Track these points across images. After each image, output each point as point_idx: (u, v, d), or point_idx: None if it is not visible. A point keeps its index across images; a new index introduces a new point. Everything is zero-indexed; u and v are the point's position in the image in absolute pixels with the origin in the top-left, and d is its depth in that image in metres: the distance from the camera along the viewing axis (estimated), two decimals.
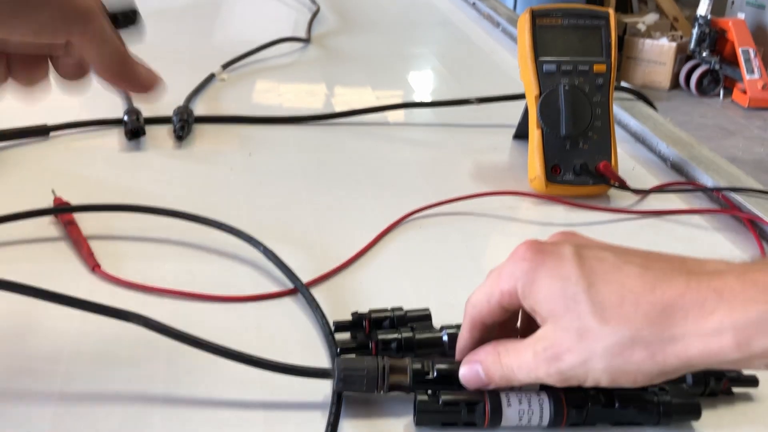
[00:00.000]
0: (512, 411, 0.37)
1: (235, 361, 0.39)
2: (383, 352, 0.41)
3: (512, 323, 0.40)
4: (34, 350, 0.42)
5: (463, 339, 0.39)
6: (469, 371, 0.37)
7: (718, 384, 0.40)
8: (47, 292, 0.38)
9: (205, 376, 0.41)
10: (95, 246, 0.51)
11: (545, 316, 0.34)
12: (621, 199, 0.63)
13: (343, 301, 0.48)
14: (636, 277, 0.33)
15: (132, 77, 0.40)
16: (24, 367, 0.41)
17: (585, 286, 0.33)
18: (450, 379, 0.39)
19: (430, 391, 0.38)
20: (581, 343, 0.33)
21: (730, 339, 0.31)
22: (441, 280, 0.51)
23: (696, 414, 0.38)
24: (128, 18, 0.41)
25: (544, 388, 0.38)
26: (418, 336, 0.42)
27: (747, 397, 0.41)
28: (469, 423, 0.37)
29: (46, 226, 0.54)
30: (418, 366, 0.39)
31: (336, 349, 0.42)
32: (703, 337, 0.31)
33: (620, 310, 0.33)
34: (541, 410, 0.37)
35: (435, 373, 0.39)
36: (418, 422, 0.38)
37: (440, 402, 0.37)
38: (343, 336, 0.43)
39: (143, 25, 0.41)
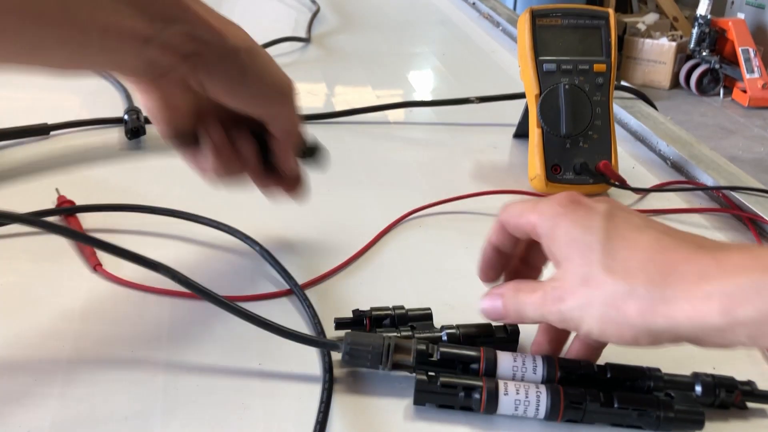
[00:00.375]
0: (508, 399, 0.37)
1: (250, 323, 0.40)
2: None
3: (535, 273, 0.42)
4: (34, 350, 0.42)
5: (485, 248, 0.42)
6: (490, 302, 0.39)
7: (730, 396, 0.39)
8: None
9: (206, 375, 0.41)
10: None
11: (560, 259, 0.36)
12: (621, 198, 0.63)
13: (343, 300, 0.48)
14: (652, 240, 0.35)
15: (295, 165, 0.49)
16: (24, 367, 0.41)
17: (603, 238, 0.35)
18: (452, 363, 0.39)
19: (431, 373, 0.39)
20: (584, 288, 0.34)
21: (716, 304, 0.31)
22: (441, 280, 0.51)
23: (699, 424, 0.37)
24: (312, 151, 0.49)
25: (544, 382, 0.39)
26: (418, 335, 0.42)
27: (763, 414, 0.40)
28: (466, 407, 0.38)
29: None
30: (422, 347, 0.40)
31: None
32: (692, 301, 0.32)
33: (626, 265, 0.34)
34: (537, 402, 0.37)
35: (438, 356, 0.39)
36: (416, 401, 0.38)
37: (439, 384, 0.38)
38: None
39: (326, 160, 0.48)
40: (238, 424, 0.38)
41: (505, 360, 0.39)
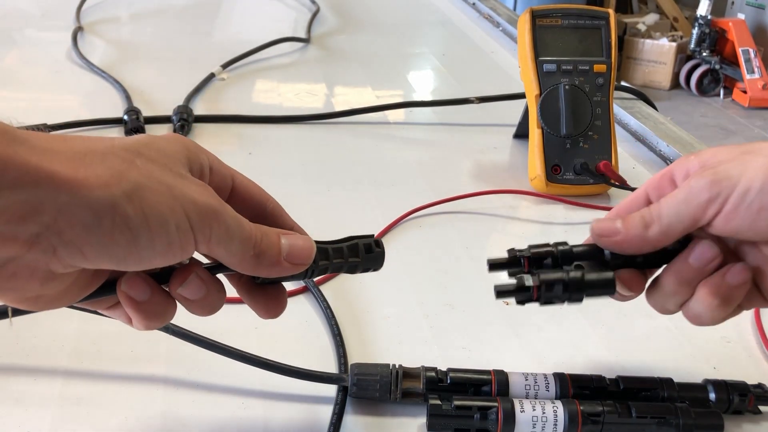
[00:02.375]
0: (525, 417, 0.37)
1: (253, 366, 0.39)
2: (546, 295, 0.35)
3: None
4: (35, 350, 0.42)
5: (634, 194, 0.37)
6: (605, 221, 0.34)
7: (743, 401, 0.39)
8: None
9: (206, 373, 0.41)
10: None
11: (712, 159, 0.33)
12: (621, 198, 0.63)
13: (343, 300, 0.48)
14: None
15: (271, 268, 0.31)
16: (24, 367, 0.41)
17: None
18: (464, 387, 0.38)
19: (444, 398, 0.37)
20: (744, 155, 0.32)
21: None
22: (441, 280, 0.51)
23: (719, 429, 0.37)
24: (369, 248, 0.36)
25: (558, 398, 0.38)
26: (588, 277, 0.35)
27: None
28: (482, 429, 0.37)
29: None
30: (431, 374, 0.39)
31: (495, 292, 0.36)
32: None
33: None
34: (555, 418, 0.36)
35: (449, 381, 0.38)
36: (430, 427, 0.37)
37: (453, 406, 0.37)
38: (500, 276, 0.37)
39: (382, 258, 0.36)
40: (238, 424, 0.38)
41: (516, 380, 0.39)
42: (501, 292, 0.35)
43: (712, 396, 0.39)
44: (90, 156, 0.26)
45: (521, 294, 0.35)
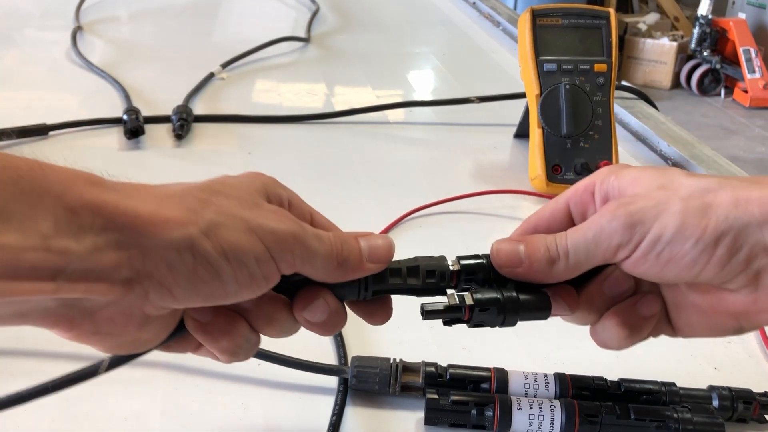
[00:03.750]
0: (522, 414, 0.36)
1: (255, 358, 0.40)
2: (479, 317, 0.31)
3: None
4: (34, 350, 0.42)
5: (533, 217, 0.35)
6: (508, 244, 0.32)
7: (748, 409, 0.38)
8: None
9: (207, 373, 0.41)
10: None
11: (626, 184, 0.31)
12: None
13: None
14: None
15: (355, 271, 0.31)
16: (24, 367, 0.41)
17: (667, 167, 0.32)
18: (462, 383, 0.38)
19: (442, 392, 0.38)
20: (661, 191, 0.30)
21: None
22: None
23: None
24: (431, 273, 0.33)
25: (557, 398, 0.38)
26: (523, 297, 0.32)
27: None
28: (479, 426, 0.37)
29: None
30: (431, 369, 0.39)
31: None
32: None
33: (706, 177, 0.31)
34: (552, 416, 0.36)
35: (448, 376, 0.39)
36: (427, 421, 0.37)
37: (450, 401, 0.37)
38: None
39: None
40: (238, 424, 0.38)
41: (516, 378, 0.39)
42: (429, 312, 0.31)
43: (716, 403, 0.38)
44: (168, 199, 0.27)
45: (451, 314, 0.31)
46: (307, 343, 0.44)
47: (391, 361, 0.39)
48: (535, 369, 0.40)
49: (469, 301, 0.31)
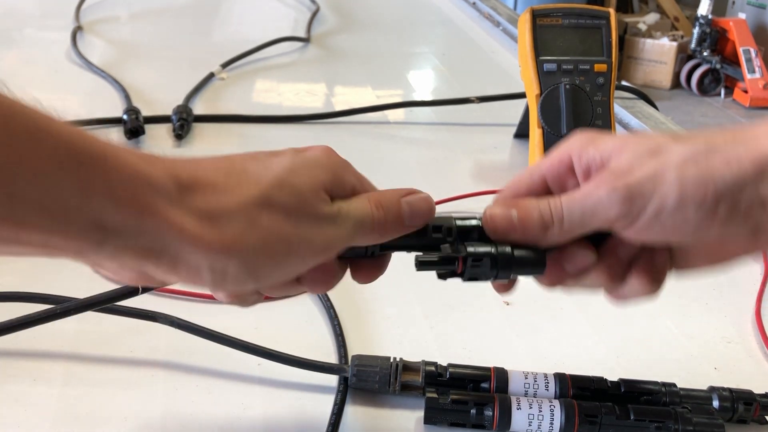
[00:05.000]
0: (522, 414, 0.37)
1: (256, 356, 0.40)
2: (472, 270, 0.32)
3: None
4: (35, 350, 0.42)
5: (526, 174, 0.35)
6: (500, 208, 0.33)
7: (748, 410, 0.38)
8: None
9: (207, 373, 0.41)
10: None
11: (611, 152, 0.31)
12: None
13: (344, 300, 0.48)
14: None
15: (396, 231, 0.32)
16: (24, 367, 0.41)
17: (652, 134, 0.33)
18: (462, 383, 0.38)
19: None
20: (654, 158, 0.30)
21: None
22: (440, 281, 0.51)
23: None
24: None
25: (557, 398, 0.38)
26: (518, 253, 0.32)
27: None
28: (478, 425, 0.37)
29: None
30: (431, 368, 0.39)
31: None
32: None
33: (694, 135, 0.31)
34: (552, 416, 0.36)
35: (448, 376, 0.39)
36: (427, 420, 0.37)
37: (449, 400, 0.37)
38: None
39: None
40: (238, 424, 0.38)
41: (516, 378, 0.39)
42: (423, 263, 0.32)
43: (716, 404, 0.38)
44: (218, 215, 0.27)
45: (445, 266, 0.32)
46: (308, 342, 0.44)
47: (391, 360, 0.39)
48: (534, 368, 0.40)
49: (462, 252, 0.31)
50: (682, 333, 0.46)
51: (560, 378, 0.39)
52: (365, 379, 0.39)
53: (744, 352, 0.45)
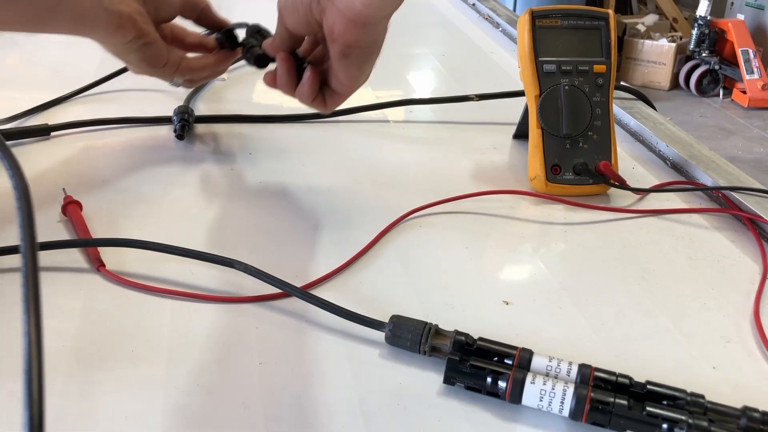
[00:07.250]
0: (534, 388, 0.38)
1: (315, 305, 0.45)
2: (247, 55, 0.67)
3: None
4: None
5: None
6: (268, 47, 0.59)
7: None
8: None
9: (207, 373, 0.41)
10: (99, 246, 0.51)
11: None
12: (621, 198, 0.63)
13: (344, 300, 0.48)
14: None
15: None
16: (24, 367, 0.41)
17: None
18: (488, 354, 0.41)
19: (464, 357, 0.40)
20: None
21: None
22: (440, 280, 0.51)
23: None
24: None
25: (574, 382, 0.38)
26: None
27: None
28: (492, 393, 0.39)
29: (53, 224, 0.54)
30: (461, 337, 0.41)
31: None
32: None
33: None
34: (563, 396, 0.37)
35: (476, 347, 0.41)
36: (446, 380, 0.40)
37: (468, 365, 0.39)
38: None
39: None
40: (238, 423, 0.38)
41: (539, 360, 0.40)
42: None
43: (743, 421, 0.36)
44: None
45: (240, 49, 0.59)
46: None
47: (425, 324, 0.42)
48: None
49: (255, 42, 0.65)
50: (680, 332, 0.46)
51: (584, 368, 0.40)
52: (399, 336, 0.42)
53: (743, 352, 0.45)
